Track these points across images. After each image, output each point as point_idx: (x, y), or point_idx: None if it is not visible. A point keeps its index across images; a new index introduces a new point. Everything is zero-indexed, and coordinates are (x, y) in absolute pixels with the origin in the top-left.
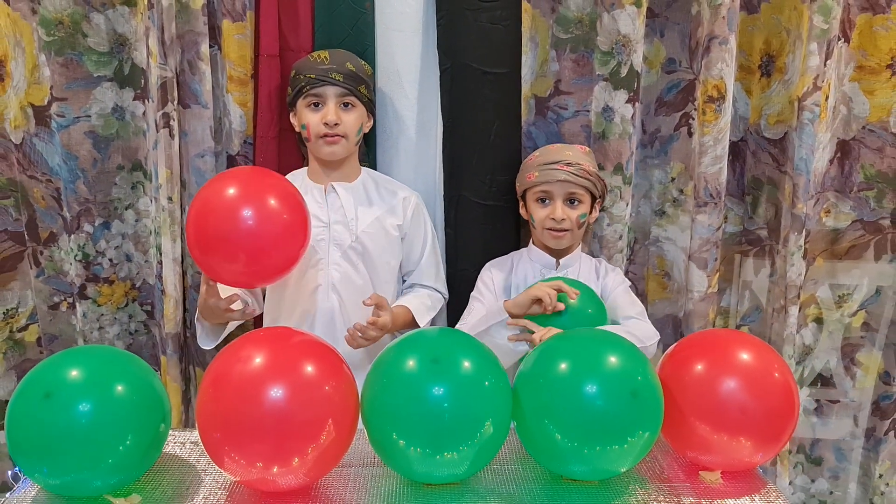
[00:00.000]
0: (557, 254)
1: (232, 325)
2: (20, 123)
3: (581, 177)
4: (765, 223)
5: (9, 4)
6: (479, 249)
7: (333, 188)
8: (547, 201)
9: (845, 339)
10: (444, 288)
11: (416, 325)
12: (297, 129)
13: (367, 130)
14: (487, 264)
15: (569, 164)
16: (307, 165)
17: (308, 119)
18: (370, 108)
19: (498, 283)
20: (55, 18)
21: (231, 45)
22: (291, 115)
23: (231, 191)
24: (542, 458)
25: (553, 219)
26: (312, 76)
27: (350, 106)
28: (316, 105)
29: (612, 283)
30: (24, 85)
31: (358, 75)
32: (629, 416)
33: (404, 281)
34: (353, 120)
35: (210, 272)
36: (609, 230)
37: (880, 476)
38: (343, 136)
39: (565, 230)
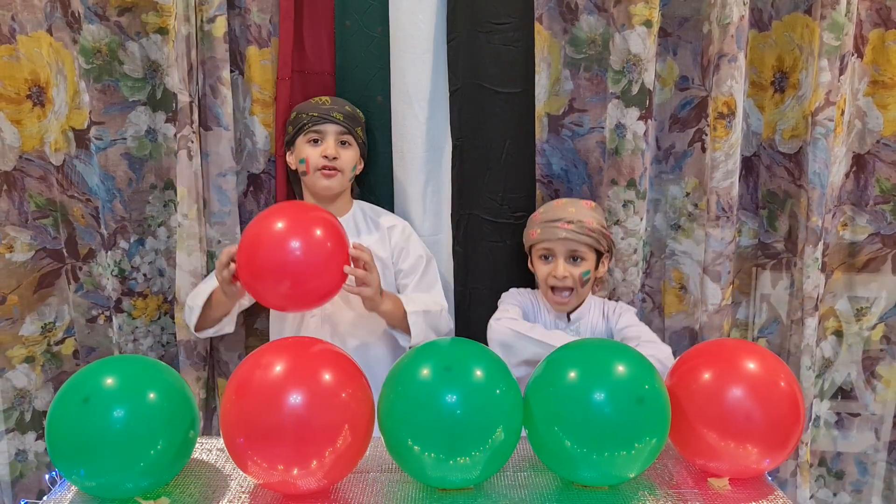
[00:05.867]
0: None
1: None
2: (61, 146)
3: (582, 234)
4: (781, 236)
5: (51, 35)
6: (490, 267)
7: None
8: (549, 258)
9: (865, 352)
10: (442, 299)
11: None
12: (293, 167)
13: (358, 172)
14: (512, 291)
15: (570, 223)
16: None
17: (307, 153)
18: (363, 151)
19: (519, 314)
20: (94, 47)
21: (256, 70)
22: (288, 153)
23: (280, 224)
24: (553, 464)
25: (555, 276)
26: (315, 115)
27: (347, 144)
28: (315, 141)
29: (618, 323)
30: (66, 110)
31: (355, 117)
32: (636, 422)
33: None
34: (350, 157)
35: (257, 296)
36: (623, 244)
37: None
38: (339, 171)
39: (568, 288)
